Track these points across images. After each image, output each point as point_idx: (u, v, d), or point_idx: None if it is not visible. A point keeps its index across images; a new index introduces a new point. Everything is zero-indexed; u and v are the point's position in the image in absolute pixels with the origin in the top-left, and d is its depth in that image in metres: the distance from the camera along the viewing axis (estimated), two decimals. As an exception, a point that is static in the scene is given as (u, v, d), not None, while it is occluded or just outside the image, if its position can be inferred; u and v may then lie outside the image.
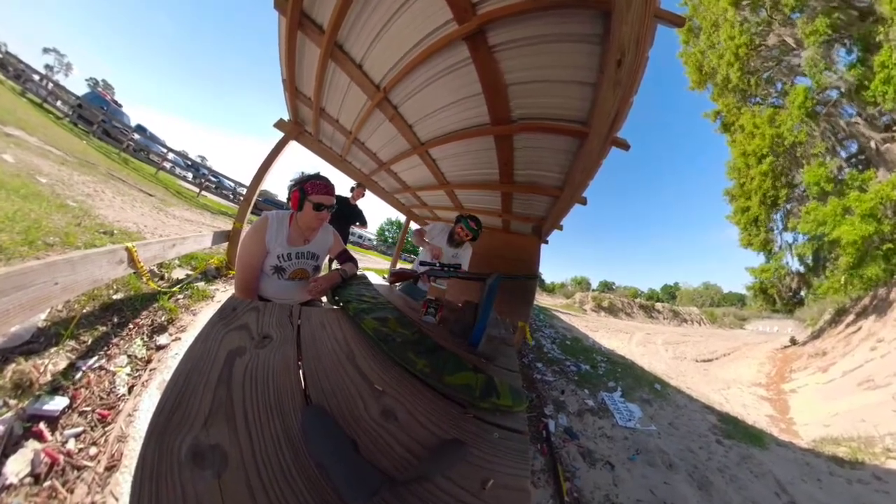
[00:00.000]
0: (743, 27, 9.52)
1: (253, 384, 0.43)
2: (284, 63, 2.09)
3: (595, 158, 1.38)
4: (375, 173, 3.36)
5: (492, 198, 2.77)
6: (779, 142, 9.24)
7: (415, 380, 0.55)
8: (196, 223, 4.08)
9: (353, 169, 3.53)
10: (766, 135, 9.41)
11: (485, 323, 0.81)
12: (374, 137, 2.51)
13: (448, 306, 1.19)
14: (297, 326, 0.61)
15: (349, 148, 2.90)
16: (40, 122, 5.99)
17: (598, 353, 5.09)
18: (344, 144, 2.93)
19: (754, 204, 10.15)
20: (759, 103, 10.36)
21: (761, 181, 9.80)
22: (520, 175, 2.10)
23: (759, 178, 9.83)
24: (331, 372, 0.51)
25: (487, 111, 1.51)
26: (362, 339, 0.66)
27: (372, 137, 2.54)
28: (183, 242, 1.89)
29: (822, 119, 8.57)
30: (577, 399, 2.68)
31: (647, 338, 8.80)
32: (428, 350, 0.66)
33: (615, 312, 18.64)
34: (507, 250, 3.28)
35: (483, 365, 0.71)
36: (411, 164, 2.69)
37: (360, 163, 3.35)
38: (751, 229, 10.49)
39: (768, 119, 9.43)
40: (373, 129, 2.35)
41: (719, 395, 4.28)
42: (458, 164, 2.35)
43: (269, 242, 0.97)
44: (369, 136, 2.52)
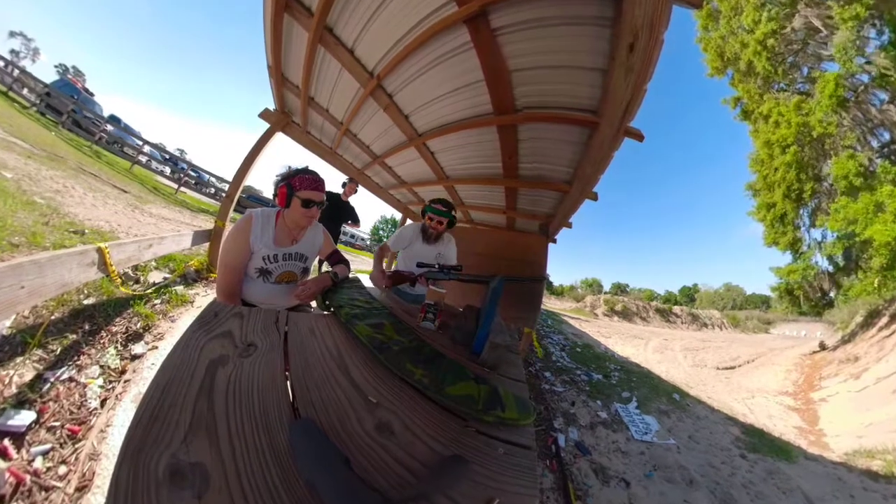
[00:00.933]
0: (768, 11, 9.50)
1: (236, 396, 0.43)
2: (270, 48, 2.09)
3: (606, 150, 1.38)
4: (369, 167, 3.36)
5: (495, 194, 2.77)
6: (805, 131, 9.22)
7: (412, 391, 0.55)
8: (174, 222, 4.07)
9: (345, 163, 3.53)
10: (791, 123, 9.37)
11: (488, 329, 0.81)
12: (368, 129, 2.51)
13: (448, 311, 1.19)
14: (285, 333, 0.61)
15: (340, 140, 2.91)
16: (4, 111, 5.98)
17: (611, 360, 5.09)
18: (335, 136, 2.94)
19: (778, 198, 10.11)
20: (783, 90, 10.35)
21: (785, 172, 9.76)
22: (525, 169, 2.10)
23: (783, 170, 9.79)
24: (321, 383, 0.51)
25: (490, 100, 1.51)
26: (355, 346, 0.66)
27: (365, 129, 2.54)
28: (160, 243, 1.88)
29: (851, 106, 8.56)
30: (588, 411, 2.67)
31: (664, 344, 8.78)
32: (426, 359, 0.66)
33: (629, 317, 18.66)
34: (511, 250, 3.29)
35: (486, 374, 0.71)
36: (407, 158, 2.69)
37: (352, 156, 3.35)
38: (776, 226, 10.47)
39: (795, 107, 9.39)
40: (366, 119, 2.35)
41: (743, 405, 4.27)
42: (459, 158, 2.36)
43: (254, 243, 0.97)
44: (362, 127, 2.52)
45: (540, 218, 2.91)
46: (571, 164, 1.82)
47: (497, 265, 3.21)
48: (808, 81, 9.93)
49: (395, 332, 0.75)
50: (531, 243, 3.13)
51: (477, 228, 4.09)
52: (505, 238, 3.44)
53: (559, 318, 10.35)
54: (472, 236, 3.70)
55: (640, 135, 1.27)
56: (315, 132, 3.13)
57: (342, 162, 3.51)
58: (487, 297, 0.88)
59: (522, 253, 3.14)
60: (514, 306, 2.88)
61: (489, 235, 3.64)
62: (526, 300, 2.90)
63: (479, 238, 3.63)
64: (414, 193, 3.78)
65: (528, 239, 3.26)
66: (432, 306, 0.96)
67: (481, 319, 0.86)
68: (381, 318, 0.82)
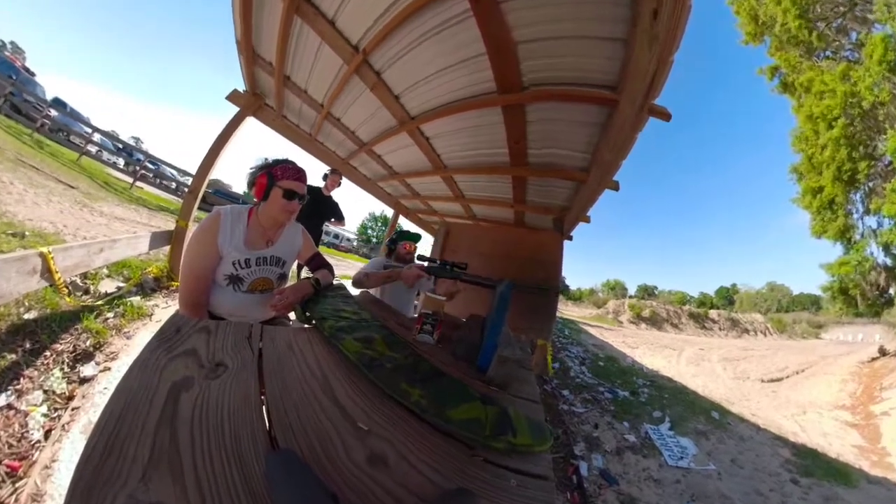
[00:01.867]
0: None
1: (204, 424, 0.42)
2: (238, 18, 2.09)
3: (628, 132, 1.38)
4: (354, 157, 3.37)
5: (501, 184, 2.77)
6: (854, 102, 9.17)
7: (409, 415, 0.55)
8: (129, 222, 4.07)
9: (326, 151, 3.54)
10: (837, 93, 9.29)
11: (495, 341, 0.81)
12: (353, 112, 2.52)
13: (449, 322, 1.19)
14: (259, 350, 0.61)
15: (321, 125, 2.91)
16: (-71, 98, 6.00)
17: (638, 375, 5.10)
18: (314, 121, 2.94)
19: (827, 181, 10.01)
20: (828, 58, 10.36)
21: (834, 151, 9.67)
22: (535, 155, 2.10)
23: (832, 148, 9.70)
24: (302, 407, 0.50)
25: (493, 76, 1.52)
26: (341, 364, 0.66)
27: (349, 112, 2.54)
28: (113, 246, 1.88)
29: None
30: (614, 434, 2.67)
31: (699, 354, 8.79)
32: (425, 377, 0.66)
33: (659, 324, 18.69)
34: (521, 249, 3.29)
35: (494, 394, 0.71)
36: (399, 145, 2.70)
37: (334, 144, 3.36)
38: (824, 214, 10.41)
39: (841, 75, 9.34)
40: (350, 101, 2.35)
41: (793, 422, 4.27)
42: (458, 144, 2.36)
43: (223, 245, 0.96)
44: (346, 110, 2.53)
45: (553, 212, 2.91)
46: (588, 148, 1.82)
47: (505, 267, 3.21)
48: (857, 48, 9.94)
49: (388, 347, 0.75)
50: (544, 241, 3.13)
51: (480, 225, 4.10)
52: (513, 235, 3.44)
53: (578, 328, 10.34)
54: (474, 234, 3.71)
55: (665, 113, 1.27)
56: (292, 117, 3.14)
57: (323, 151, 3.51)
58: (494, 304, 0.88)
59: (534, 252, 3.14)
60: (525, 315, 2.88)
61: (495, 233, 3.65)
62: (539, 307, 2.90)
63: (484, 236, 3.64)
64: (407, 186, 3.79)
65: (540, 236, 3.26)
66: (430, 316, 0.96)
67: (487, 330, 0.86)
68: (372, 332, 0.81)
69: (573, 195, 2.45)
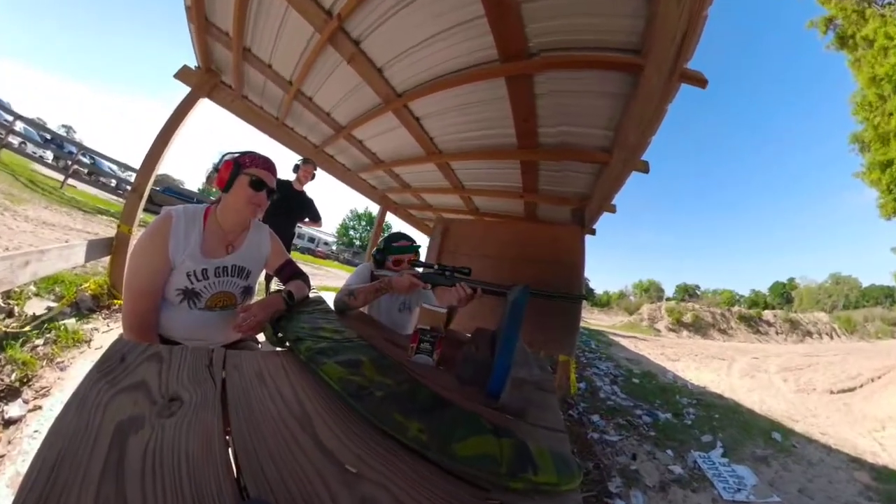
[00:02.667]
0: None
1: (157, 474, 0.42)
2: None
3: (656, 102, 1.39)
4: (331, 143, 3.38)
5: (507, 171, 2.79)
6: None
7: (407, 453, 0.55)
8: (61, 228, 4.05)
9: (297, 138, 3.54)
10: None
11: (508, 360, 0.81)
12: (327, 90, 2.52)
13: (451, 338, 1.19)
14: (222, 381, 0.61)
15: (289, 107, 2.92)
16: None
17: (682, 392, 5.10)
18: (281, 102, 2.95)
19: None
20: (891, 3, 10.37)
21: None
22: (547, 135, 2.11)
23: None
24: (276, 448, 0.50)
25: (493, 42, 1.52)
26: (323, 394, 0.66)
27: (323, 90, 2.55)
28: (41, 259, 1.87)
29: None
30: (656, 465, 2.67)
31: (753, 364, 8.78)
32: (424, 407, 0.66)
33: (703, 330, 18.78)
34: (535, 248, 3.29)
35: (510, 424, 0.71)
36: (383, 127, 2.71)
37: (306, 128, 3.36)
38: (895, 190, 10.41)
39: None
40: (324, 76, 2.35)
41: (870, 439, 4.23)
42: (454, 124, 2.37)
43: (174, 253, 0.96)
44: (319, 87, 2.53)
45: (571, 201, 2.92)
46: (610, 124, 1.83)
47: (516, 270, 3.21)
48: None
49: (378, 371, 0.75)
50: (561, 237, 3.14)
51: (485, 221, 4.11)
52: (525, 232, 3.45)
53: (607, 339, 10.34)
54: (478, 232, 3.71)
55: (700, 79, 1.28)
56: (254, 97, 3.14)
57: (293, 137, 3.52)
58: (505, 314, 0.88)
59: (550, 251, 3.15)
60: (542, 326, 2.88)
61: (502, 230, 3.65)
62: (559, 317, 2.91)
63: (489, 234, 3.64)
64: (395, 176, 3.79)
65: (556, 231, 3.27)
66: (428, 333, 0.96)
67: (498, 347, 0.86)
68: (358, 354, 0.81)
69: (594, 181, 2.46)
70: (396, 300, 1.65)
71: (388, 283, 1.33)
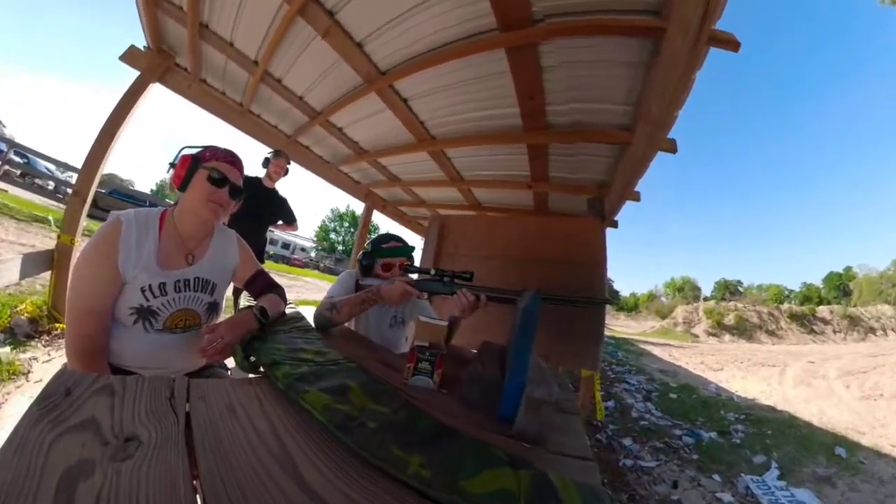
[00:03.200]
0: None
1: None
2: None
3: (682, 70, 1.39)
4: (305, 132, 3.38)
5: (512, 157, 2.79)
6: None
7: (407, 493, 0.54)
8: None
9: (265, 127, 3.54)
10: None
11: (522, 379, 0.81)
12: (299, 70, 2.53)
13: (454, 356, 1.18)
14: (186, 415, 0.61)
15: (255, 91, 2.92)
16: None
17: (728, 407, 5.11)
18: (246, 85, 2.95)
19: None
20: None
21: None
22: (557, 113, 2.12)
23: None
24: (253, 492, 0.49)
25: (490, 8, 1.53)
26: (305, 428, 0.65)
27: (294, 70, 2.55)
28: (-31, 282, 1.85)
29: None
30: (701, 493, 2.67)
31: (809, 369, 8.80)
32: (426, 438, 0.65)
33: (749, 333, 18.88)
34: (547, 246, 3.28)
35: (528, 453, 0.71)
36: (366, 111, 2.71)
37: (275, 116, 3.36)
38: None
39: None
40: (294, 54, 2.36)
41: None
42: (448, 105, 2.38)
43: (126, 265, 0.96)
44: (289, 67, 2.53)
45: (588, 190, 2.93)
46: (629, 98, 1.84)
47: (526, 273, 3.20)
48: None
49: (370, 398, 0.75)
50: (578, 231, 3.13)
51: (488, 217, 4.11)
52: (535, 227, 3.44)
53: (637, 349, 10.38)
54: (480, 230, 3.70)
55: (732, 41, 1.29)
56: (214, 80, 3.14)
57: (260, 126, 3.52)
58: (516, 324, 0.88)
59: (566, 248, 3.14)
60: (560, 337, 2.87)
61: (509, 226, 3.65)
62: (580, 325, 2.90)
63: (494, 231, 3.63)
64: (381, 168, 3.80)
65: (572, 225, 3.27)
66: (427, 350, 0.95)
67: (510, 363, 0.86)
68: (345, 378, 0.81)
69: (614, 164, 2.47)
70: (387, 313, 1.65)
71: (377, 293, 1.32)
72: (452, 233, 3.78)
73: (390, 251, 1.62)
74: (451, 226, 3.81)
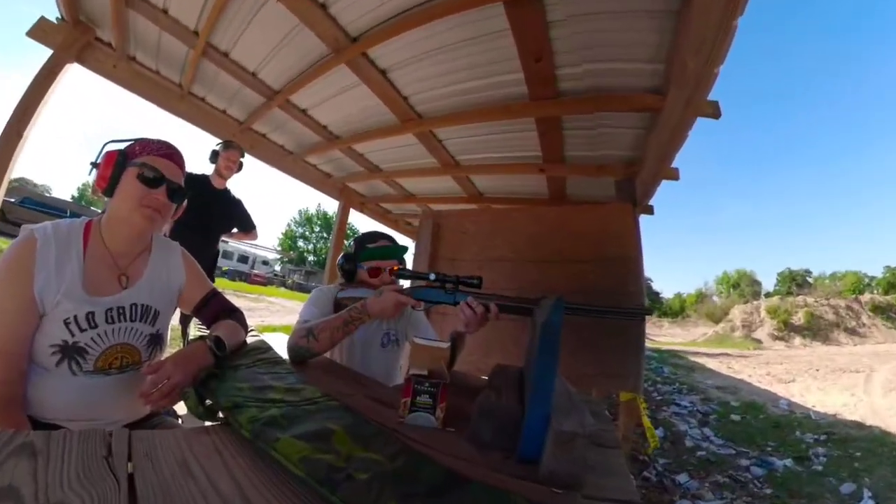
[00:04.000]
0: None
1: None
2: None
3: (720, 17, 1.40)
4: (260, 117, 3.39)
5: (518, 134, 2.80)
6: None
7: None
8: None
9: (211, 113, 3.55)
10: None
11: (545, 408, 0.81)
12: (250, 41, 2.53)
13: (459, 384, 1.18)
14: (129, 477, 0.60)
15: (196, 68, 2.92)
16: None
17: (804, 426, 5.12)
18: (185, 62, 2.95)
19: None
20: None
21: None
22: (571, 77, 2.13)
23: None
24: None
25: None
26: (279, 483, 0.65)
27: (244, 41, 2.55)
28: None
29: None
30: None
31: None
32: (431, 488, 0.65)
33: (823, 333, 18.90)
34: (568, 242, 3.29)
35: (558, 500, 0.70)
36: (336, 87, 2.72)
37: (223, 98, 3.37)
38: None
39: None
40: (243, 21, 2.36)
41: None
42: (436, 75, 2.39)
43: (43, 292, 0.96)
44: (237, 37, 2.54)
45: (615, 169, 2.93)
46: (658, 54, 1.85)
47: (543, 277, 3.20)
48: None
49: (358, 443, 0.75)
50: (605, 222, 3.13)
51: (493, 211, 4.12)
52: (551, 219, 3.44)
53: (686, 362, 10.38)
54: (484, 226, 3.70)
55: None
56: (145, 57, 3.13)
57: (205, 112, 3.52)
58: (535, 341, 0.88)
59: (591, 244, 3.14)
60: (591, 354, 2.87)
61: (519, 219, 3.65)
62: (614, 338, 2.90)
63: (501, 227, 3.64)
64: (357, 157, 3.80)
65: (597, 214, 3.27)
66: (426, 380, 0.95)
67: (529, 390, 0.85)
68: (326, 421, 0.81)
69: (644, 137, 2.48)
70: (377, 332, 1.65)
71: (364, 308, 1.32)
72: (450, 232, 3.78)
73: (379, 252, 1.62)
74: (447, 224, 3.81)
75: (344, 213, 5.11)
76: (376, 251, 1.62)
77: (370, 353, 1.61)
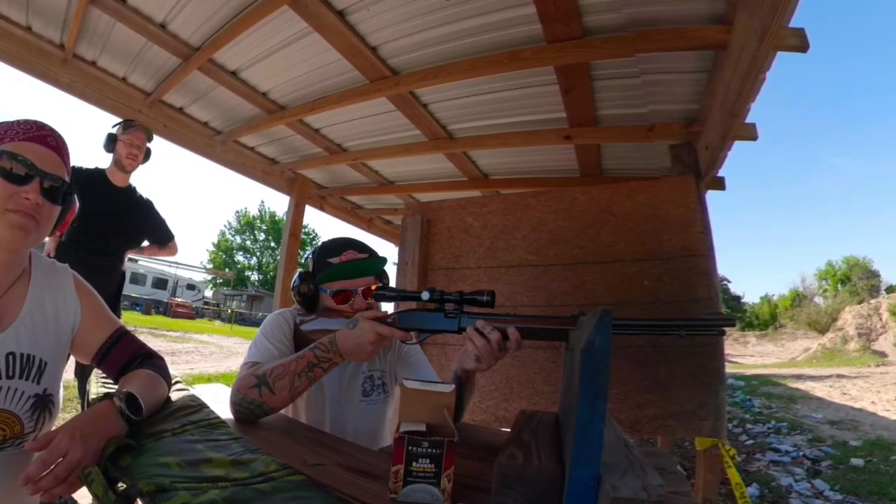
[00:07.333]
0: None
1: None
2: None
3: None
4: (173, 85, 3.41)
5: (532, 90, 2.84)
6: None
7: None
8: None
9: (105, 81, 3.53)
10: None
11: (595, 467, 0.80)
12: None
13: (470, 440, 1.20)
14: None
15: (83, 19, 2.91)
16: None
17: None
18: (67, 14, 2.94)
19: None
20: None
21: None
22: (598, 7, 2.14)
23: None
24: None
25: None
26: None
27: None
28: None
29: None
30: None
31: None
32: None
33: None
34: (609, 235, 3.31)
35: None
36: (276, 39, 2.75)
37: (120, 61, 3.38)
38: None
39: None
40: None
41: None
42: (415, 12, 2.40)
43: None
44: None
45: (668, 130, 2.96)
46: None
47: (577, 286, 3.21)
48: None
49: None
50: (658, 203, 3.15)
51: (503, 198, 4.11)
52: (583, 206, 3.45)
53: (782, 390, 10.41)
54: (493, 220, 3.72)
55: None
56: (11, 10, 3.12)
57: (96, 80, 3.51)
58: (573, 375, 0.87)
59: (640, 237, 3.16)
60: (652, 388, 2.88)
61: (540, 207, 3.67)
62: (682, 365, 2.91)
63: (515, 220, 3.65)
64: (312, 134, 3.81)
65: (647, 193, 3.27)
66: (423, 438, 0.95)
67: (568, 442, 0.85)
68: (285, 503, 0.80)
69: (706, 82, 2.51)
70: (355, 376, 1.66)
71: (333, 346, 1.32)
72: (446, 231, 3.79)
73: (347, 268, 1.61)
74: (441, 219, 3.83)
75: (297, 213, 5.11)
76: (343, 268, 1.60)
77: (346, 406, 1.61)
